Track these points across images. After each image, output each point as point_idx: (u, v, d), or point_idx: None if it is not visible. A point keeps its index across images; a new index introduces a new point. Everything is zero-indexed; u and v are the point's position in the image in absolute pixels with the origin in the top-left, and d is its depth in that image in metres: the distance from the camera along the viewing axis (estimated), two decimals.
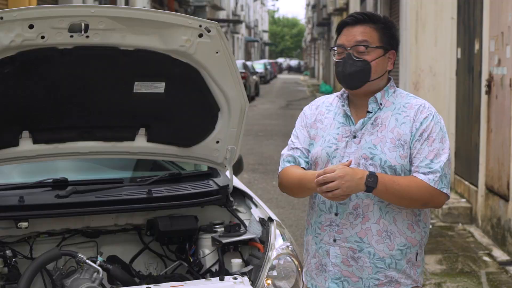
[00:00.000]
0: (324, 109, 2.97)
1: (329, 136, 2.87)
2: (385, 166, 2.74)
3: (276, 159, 8.06)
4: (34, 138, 3.64)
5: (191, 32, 3.38)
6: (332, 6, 34.18)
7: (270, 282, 3.43)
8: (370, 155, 2.76)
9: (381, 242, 2.77)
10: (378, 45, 2.80)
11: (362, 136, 2.80)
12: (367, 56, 2.78)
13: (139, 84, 3.54)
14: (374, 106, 2.83)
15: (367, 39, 2.78)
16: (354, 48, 2.79)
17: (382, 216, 2.76)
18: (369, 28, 2.80)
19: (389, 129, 2.78)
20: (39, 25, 3.16)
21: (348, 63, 2.78)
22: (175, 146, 3.90)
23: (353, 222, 2.78)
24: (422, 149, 2.74)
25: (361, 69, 2.78)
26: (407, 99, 2.85)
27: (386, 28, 2.84)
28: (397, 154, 2.75)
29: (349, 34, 2.81)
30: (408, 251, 2.80)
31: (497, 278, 6.04)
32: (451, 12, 9.11)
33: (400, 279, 2.81)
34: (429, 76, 9.56)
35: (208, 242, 3.79)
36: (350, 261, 2.80)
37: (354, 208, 2.77)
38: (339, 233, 2.80)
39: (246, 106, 3.73)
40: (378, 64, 2.80)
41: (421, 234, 2.84)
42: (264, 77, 46.88)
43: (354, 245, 2.78)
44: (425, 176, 2.71)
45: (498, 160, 7.03)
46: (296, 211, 8.56)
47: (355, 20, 2.82)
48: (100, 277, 3.41)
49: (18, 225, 3.49)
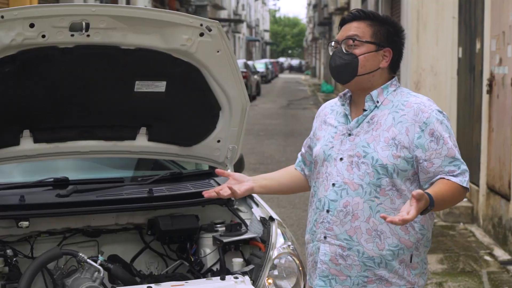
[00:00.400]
0: (329, 110, 2.99)
1: (328, 135, 2.89)
2: (377, 164, 2.72)
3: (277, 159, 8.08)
4: (34, 137, 3.64)
5: (192, 31, 3.37)
6: (333, 5, 34.17)
7: (271, 282, 3.42)
8: (363, 153, 2.75)
9: (370, 241, 2.74)
10: (368, 40, 2.78)
11: (357, 134, 2.80)
12: (356, 50, 2.78)
13: (140, 83, 3.53)
14: (370, 104, 2.81)
15: (357, 34, 2.79)
16: (344, 41, 2.80)
17: (372, 215, 2.73)
18: (363, 24, 2.81)
19: (385, 128, 2.75)
20: (40, 24, 3.15)
21: (337, 56, 2.81)
22: (176, 145, 3.90)
23: (343, 220, 2.76)
24: (441, 148, 2.71)
25: (348, 62, 2.78)
26: (406, 97, 2.81)
27: (382, 25, 2.81)
28: (390, 153, 2.72)
29: (344, 29, 2.84)
30: (401, 252, 2.76)
31: (498, 277, 6.03)
32: (452, 11, 9.11)
33: (391, 279, 2.77)
34: (430, 75, 9.55)
35: (209, 242, 3.79)
36: (338, 259, 2.78)
37: (344, 205, 2.76)
38: (330, 230, 2.80)
39: (247, 105, 3.73)
40: (367, 59, 2.78)
41: (416, 236, 2.77)
42: (265, 77, 46.88)
43: (343, 243, 2.77)
44: (457, 179, 2.69)
45: (499, 160, 7.03)
46: (297, 211, 8.56)
47: (352, 16, 2.84)
48: (101, 276, 3.40)
49: (19, 224, 3.48)
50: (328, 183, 2.81)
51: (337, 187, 2.78)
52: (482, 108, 7.56)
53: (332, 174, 2.80)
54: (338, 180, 2.78)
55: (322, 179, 2.85)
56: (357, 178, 2.74)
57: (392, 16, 13.49)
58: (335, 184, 2.78)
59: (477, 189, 7.77)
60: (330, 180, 2.80)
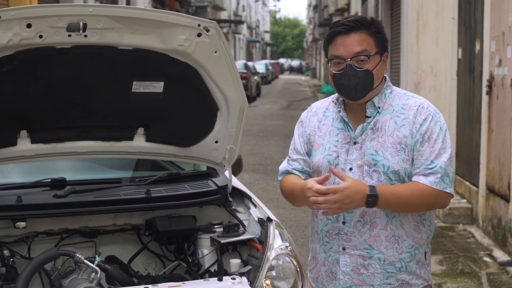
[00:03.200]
0: (321, 115, 2.93)
1: (329, 144, 2.84)
2: (389, 171, 2.72)
3: (277, 160, 8.07)
4: (32, 138, 3.63)
5: (190, 31, 3.37)
6: (334, 6, 34.19)
7: (268, 283, 3.42)
8: (372, 162, 2.73)
9: (390, 247, 2.76)
10: (376, 51, 2.74)
11: (363, 142, 2.77)
12: (368, 65, 2.73)
13: (138, 84, 3.53)
14: (372, 110, 2.80)
15: (365, 48, 2.72)
16: (354, 58, 2.72)
17: (389, 221, 2.75)
18: (364, 35, 2.73)
19: (389, 133, 2.75)
20: (37, 24, 3.14)
21: (351, 75, 2.72)
22: (174, 146, 3.89)
23: (361, 230, 2.77)
24: (424, 150, 2.71)
25: (364, 79, 2.73)
26: (405, 100, 2.81)
27: (379, 31, 2.78)
28: (399, 159, 2.72)
29: (346, 44, 2.73)
30: (416, 252, 2.80)
31: (497, 278, 6.02)
32: (452, 12, 9.10)
33: (411, 280, 2.81)
34: (430, 76, 9.56)
35: (206, 242, 3.78)
36: (360, 269, 2.79)
37: (361, 215, 2.76)
38: (348, 241, 2.79)
39: (245, 106, 3.72)
40: (379, 70, 2.76)
41: (427, 233, 2.83)
42: (266, 78, 46.88)
43: (363, 252, 2.77)
44: (426, 179, 2.69)
45: (499, 161, 7.02)
46: (297, 212, 8.54)
47: (348, 28, 2.74)
48: (98, 277, 3.40)
49: (16, 225, 3.47)
50: None
51: None
52: (482, 109, 7.55)
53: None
54: None
55: None
56: None
57: (392, 17, 13.52)
58: None
59: (476, 190, 7.76)
60: None
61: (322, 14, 44.55)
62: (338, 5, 31.73)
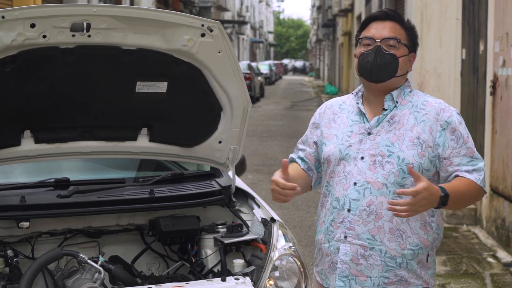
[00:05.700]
0: (337, 108, 2.99)
1: (342, 134, 2.89)
2: (403, 164, 2.75)
3: (280, 160, 8.05)
4: (35, 138, 3.63)
5: (193, 31, 3.37)
6: (337, 7, 34.18)
7: (272, 283, 3.41)
8: (387, 153, 2.77)
9: (393, 240, 2.77)
10: (406, 43, 2.84)
11: (378, 133, 2.81)
12: (396, 51, 2.81)
13: (141, 84, 3.53)
14: (390, 104, 2.85)
15: (397, 35, 2.82)
16: (384, 41, 2.81)
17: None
18: (398, 26, 2.84)
19: (408, 127, 2.79)
20: (41, 24, 3.15)
21: (379, 55, 2.79)
22: (177, 146, 3.89)
23: (366, 219, 2.78)
24: (460, 147, 2.78)
25: (390, 62, 2.80)
26: (424, 98, 2.88)
27: (410, 30, 2.88)
28: (415, 152, 2.75)
29: (380, 28, 2.83)
30: (420, 251, 2.80)
31: (501, 279, 6.01)
32: (456, 13, 9.09)
33: (410, 279, 2.81)
34: (434, 77, 9.54)
35: (210, 243, 3.78)
36: (359, 259, 2.79)
37: (368, 205, 2.77)
38: (351, 230, 2.80)
39: (249, 106, 3.72)
40: (404, 61, 2.84)
41: (433, 236, 2.83)
42: (269, 78, 46.87)
43: (365, 243, 2.78)
44: (471, 175, 2.74)
45: (502, 161, 7.01)
46: (300, 212, 8.54)
47: (385, 15, 2.85)
48: (101, 277, 3.39)
49: (19, 225, 3.47)
50: (348, 182, 2.81)
51: (359, 186, 2.78)
52: (486, 109, 7.54)
53: (353, 173, 2.81)
54: (360, 179, 2.79)
55: (339, 178, 2.84)
56: (381, 177, 2.76)
57: None
58: (356, 183, 2.79)
59: None
60: (350, 179, 2.81)
61: (325, 14, 44.57)
62: (342, 6, 31.73)
